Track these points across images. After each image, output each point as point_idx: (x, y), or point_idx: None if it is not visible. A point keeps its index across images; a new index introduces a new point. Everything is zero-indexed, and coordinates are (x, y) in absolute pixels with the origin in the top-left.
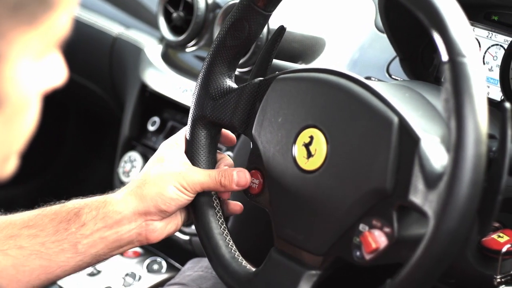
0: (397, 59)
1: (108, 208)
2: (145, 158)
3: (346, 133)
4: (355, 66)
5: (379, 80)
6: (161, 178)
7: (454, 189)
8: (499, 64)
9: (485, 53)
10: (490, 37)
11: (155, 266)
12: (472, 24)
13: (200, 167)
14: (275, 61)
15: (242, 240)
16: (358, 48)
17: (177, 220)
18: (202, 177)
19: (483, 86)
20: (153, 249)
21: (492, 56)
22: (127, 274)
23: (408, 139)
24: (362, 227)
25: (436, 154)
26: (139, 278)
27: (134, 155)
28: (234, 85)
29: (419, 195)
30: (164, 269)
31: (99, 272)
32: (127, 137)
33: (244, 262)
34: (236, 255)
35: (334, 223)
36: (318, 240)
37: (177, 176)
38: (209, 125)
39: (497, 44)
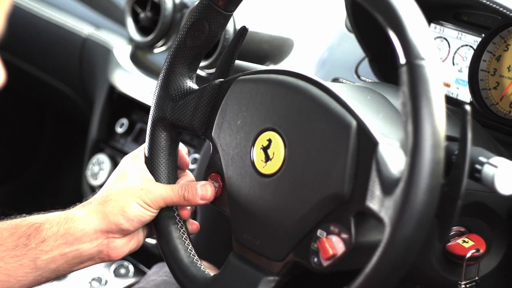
0: (366, 60)
1: (69, 225)
2: (113, 161)
3: (304, 137)
4: (324, 66)
5: (347, 81)
6: (123, 195)
7: (410, 196)
8: (468, 65)
9: (454, 54)
10: (460, 38)
11: (122, 271)
12: (441, 25)
13: (159, 170)
14: (240, 62)
15: (208, 243)
16: (327, 49)
17: (139, 236)
18: (164, 191)
19: (441, 89)
20: None
21: (462, 57)
22: (93, 279)
23: (366, 143)
24: (320, 232)
25: (394, 159)
26: (106, 283)
27: (102, 158)
28: (195, 86)
29: (375, 201)
30: (131, 274)
31: (65, 276)
32: (95, 139)
33: (202, 267)
34: (195, 260)
35: (291, 228)
36: (275, 246)
37: (139, 192)
38: (169, 127)
39: (466, 45)
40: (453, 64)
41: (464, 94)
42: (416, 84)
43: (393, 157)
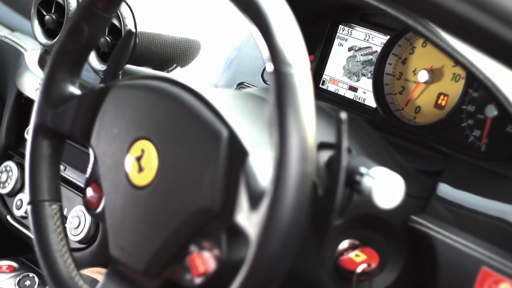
0: None
1: None
2: (22, 168)
3: (177, 147)
4: (230, 70)
5: (252, 85)
6: None
7: (275, 212)
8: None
9: (361, 56)
10: (367, 40)
11: (27, 282)
12: (350, 27)
13: (40, 181)
14: (131, 67)
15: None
16: (235, 50)
17: None
18: None
19: (311, 98)
20: (29, 263)
21: (368, 60)
22: None
23: (237, 154)
24: (192, 248)
25: (264, 171)
26: None
27: (10, 165)
28: (77, 92)
29: (243, 216)
30: (36, 285)
31: None
32: (3, 146)
33: (80, 282)
34: (73, 274)
35: (164, 243)
36: (149, 261)
37: None
38: (51, 134)
39: (373, 48)
40: (360, 67)
41: (372, 99)
42: (282, 92)
43: (264, 169)
